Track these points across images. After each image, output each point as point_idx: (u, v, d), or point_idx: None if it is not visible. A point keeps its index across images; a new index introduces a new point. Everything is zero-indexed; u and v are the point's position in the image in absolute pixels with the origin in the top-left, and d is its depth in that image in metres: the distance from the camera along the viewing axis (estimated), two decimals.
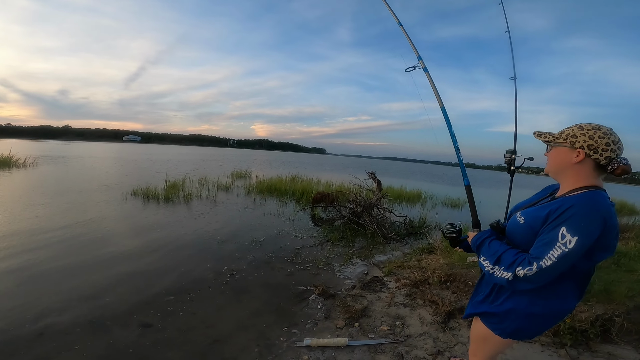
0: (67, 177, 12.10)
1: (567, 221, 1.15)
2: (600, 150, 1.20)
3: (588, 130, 1.23)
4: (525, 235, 1.32)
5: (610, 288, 3.29)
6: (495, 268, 1.32)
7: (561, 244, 1.14)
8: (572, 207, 1.16)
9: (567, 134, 1.28)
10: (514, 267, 1.24)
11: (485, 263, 1.38)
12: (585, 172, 1.25)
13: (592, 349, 2.63)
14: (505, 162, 3.55)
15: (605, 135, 1.20)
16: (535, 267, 1.18)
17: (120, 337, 2.74)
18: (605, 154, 1.20)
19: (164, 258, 4.60)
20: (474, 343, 1.67)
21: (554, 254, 1.15)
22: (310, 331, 2.94)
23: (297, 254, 5.15)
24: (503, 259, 1.31)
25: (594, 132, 1.21)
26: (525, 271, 1.20)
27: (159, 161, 25.44)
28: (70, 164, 17.65)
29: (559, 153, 1.31)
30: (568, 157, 1.27)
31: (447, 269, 4.09)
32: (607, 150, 1.20)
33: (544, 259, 1.17)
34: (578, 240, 1.13)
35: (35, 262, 4.11)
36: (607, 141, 1.19)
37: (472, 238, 1.53)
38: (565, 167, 1.29)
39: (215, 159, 35.61)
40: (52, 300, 3.25)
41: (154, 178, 12.92)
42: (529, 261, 1.21)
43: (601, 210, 1.16)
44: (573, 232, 1.13)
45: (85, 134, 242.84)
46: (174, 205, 8.42)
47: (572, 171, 1.27)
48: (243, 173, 16.84)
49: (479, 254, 1.46)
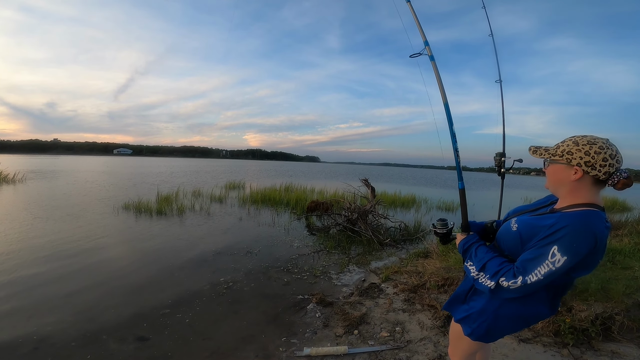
0: (57, 193, 11.91)
1: (560, 240, 1.13)
2: (598, 166, 1.17)
3: (583, 145, 1.19)
4: (513, 243, 1.32)
5: (607, 286, 3.31)
6: (480, 274, 1.33)
7: (550, 262, 1.13)
8: (567, 227, 1.13)
9: (562, 149, 1.25)
10: (497, 277, 1.25)
11: (472, 268, 1.38)
12: (584, 189, 1.22)
13: (595, 348, 2.63)
14: (495, 164, 3.59)
15: (601, 150, 1.16)
16: (520, 281, 1.18)
17: (117, 351, 2.68)
18: (603, 170, 1.17)
19: (158, 271, 4.53)
20: (452, 342, 1.70)
21: (540, 271, 1.15)
22: (309, 340, 2.90)
23: (294, 263, 5.11)
24: (488, 267, 1.31)
25: (590, 148, 1.18)
26: (509, 283, 1.21)
27: (150, 174, 25.22)
28: (60, 179, 17.40)
29: (557, 170, 1.28)
30: (566, 174, 1.24)
31: (444, 272, 4.09)
32: (605, 165, 1.16)
33: (530, 274, 1.17)
34: (567, 260, 1.12)
35: (28, 278, 4.02)
36: (604, 156, 1.16)
37: (460, 241, 1.53)
38: (563, 184, 1.27)
39: (207, 171, 35.44)
40: (47, 315, 3.19)
41: (146, 191, 12.79)
42: (514, 274, 1.21)
43: (595, 232, 1.13)
44: (564, 252, 1.12)
45: (74, 148, 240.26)
46: (167, 218, 8.32)
47: (570, 187, 1.25)
48: (237, 184, 16.76)
49: (465, 258, 1.46)
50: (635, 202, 13.73)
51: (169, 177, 22.37)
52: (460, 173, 1.77)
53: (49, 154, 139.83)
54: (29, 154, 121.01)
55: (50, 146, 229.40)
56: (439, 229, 1.66)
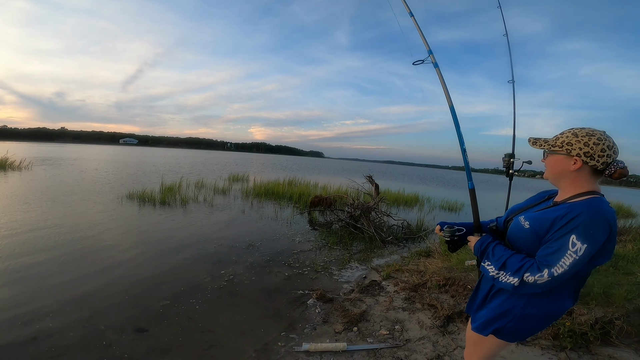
0: (62, 180, 12.00)
1: (577, 229, 1.15)
2: (597, 156, 1.21)
3: (582, 137, 1.24)
4: (529, 240, 1.31)
5: (609, 291, 3.28)
6: (500, 273, 1.32)
7: (572, 251, 1.15)
8: (581, 214, 1.16)
9: (562, 141, 1.29)
10: (521, 272, 1.24)
11: (490, 268, 1.37)
12: (584, 178, 1.26)
13: (593, 352, 2.61)
14: (504, 165, 3.54)
15: (600, 141, 1.21)
16: (547, 274, 1.18)
17: (115, 342, 2.70)
18: (602, 160, 1.22)
19: (159, 262, 4.56)
20: (470, 346, 1.65)
21: (565, 262, 1.16)
22: (308, 336, 2.91)
23: (295, 257, 5.12)
24: (509, 264, 1.30)
25: (589, 139, 1.23)
26: (535, 277, 1.20)
27: (155, 164, 25.33)
28: (65, 167, 17.53)
29: (556, 161, 1.32)
30: (565, 164, 1.28)
31: (445, 272, 4.07)
32: (603, 155, 1.21)
33: (555, 266, 1.17)
34: (587, 247, 1.13)
35: (28, 266, 4.05)
36: (602, 147, 1.21)
37: (475, 243, 1.51)
38: (563, 174, 1.31)
39: (212, 162, 35.53)
40: (45, 304, 3.20)
41: (150, 181, 12.85)
42: (538, 267, 1.21)
43: (607, 217, 1.16)
44: (583, 239, 1.14)
45: (81, 137, 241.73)
46: (171, 208, 8.36)
47: (570, 178, 1.29)
48: (240, 176, 16.79)
49: (483, 259, 1.44)
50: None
51: (173, 167, 22.44)
52: (469, 173, 1.78)
53: (56, 142, 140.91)
54: (37, 141, 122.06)
55: (58, 134, 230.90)
56: (448, 236, 1.62)
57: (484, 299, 1.51)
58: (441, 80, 1.86)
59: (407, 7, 2.16)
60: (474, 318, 1.56)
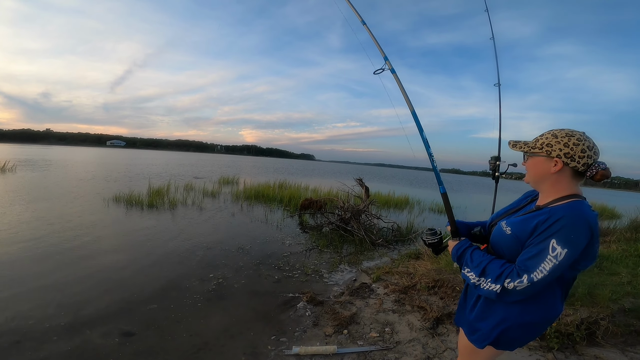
0: (46, 184, 11.72)
1: (557, 233, 1.14)
2: (577, 157, 1.20)
3: (562, 137, 1.23)
4: (511, 245, 1.29)
5: (594, 291, 3.35)
6: (481, 280, 1.28)
7: (552, 256, 1.13)
8: (562, 219, 1.14)
9: (541, 142, 1.27)
10: (501, 279, 1.21)
11: (470, 275, 1.33)
12: (565, 181, 1.25)
13: (579, 352, 2.65)
14: (490, 168, 3.59)
15: (579, 141, 1.20)
16: (527, 279, 1.16)
17: (100, 345, 2.64)
18: (582, 161, 1.20)
19: (146, 265, 4.48)
20: (463, 355, 1.61)
21: (545, 267, 1.14)
22: (298, 339, 2.89)
23: (285, 260, 5.09)
24: (489, 270, 1.27)
25: (568, 139, 1.21)
26: (515, 284, 1.18)
27: (143, 166, 24.96)
28: (50, 170, 17.14)
29: (537, 163, 1.30)
30: (546, 166, 1.26)
31: (434, 274, 4.10)
32: (583, 157, 1.19)
33: (535, 272, 1.15)
34: (567, 252, 1.12)
35: (12, 269, 3.94)
36: (582, 147, 1.19)
37: (452, 248, 1.48)
38: (544, 177, 1.29)
39: (201, 165, 35.18)
40: (29, 308, 3.12)
41: (137, 184, 12.66)
42: (518, 273, 1.18)
43: (589, 220, 1.15)
44: (563, 244, 1.12)
45: (67, 138, 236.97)
46: (159, 211, 8.24)
47: (551, 180, 1.27)
48: (230, 179, 16.67)
49: (461, 265, 1.41)
50: (625, 209, 13.91)
51: (161, 169, 22.14)
52: (439, 177, 1.74)
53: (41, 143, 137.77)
54: (21, 143, 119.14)
55: (42, 136, 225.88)
56: (429, 240, 1.59)
57: (473, 307, 1.46)
58: (399, 85, 1.85)
59: (359, 17, 2.17)
60: (470, 329, 1.49)
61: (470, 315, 1.47)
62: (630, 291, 3.53)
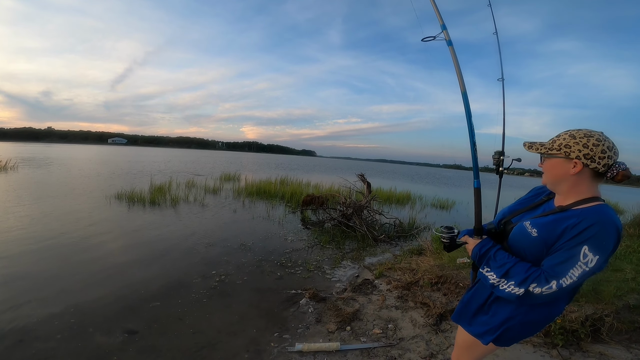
0: (49, 181, 11.75)
1: (590, 240, 1.10)
2: (597, 158, 1.15)
3: (581, 138, 1.18)
4: (536, 248, 1.24)
5: (598, 288, 3.32)
6: (501, 281, 1.26)
7: (582, 262, 1.10)
8: (594, 225, 1.10)
9: (559, 143, 1.23)
10: (527, 283, 1.18)
11: (490, 275, 1.30)
12: (585, 182, 1.20)
13: (584, 349, 2.64)
14: (494, 163, 3.57)
15: (599, 142, 1.16)
16: (555, 285, 1.13)
17: (104, 344, 2.64)
18: (602, 162, 1.15)
19: (149, 262, 4.48)
20: (459, 349, 1.61)
21: (574, 272, 1.11)
22: (301, 336, 2.88)
23: (287, 257, 5.09)
24: (512, 273, 1.23)
25: (588, 140, 1.17)
26: (543, 289, 1.15)
27: (144, 163, 24.98)
28: (52, 168, 17.18)
29: (555, 165, 1.25)
30: (565, 168, 1.22)
31: (437, 270, 4.08)
32: (604, 157, 1.15)
33: (564, 277, 1.12)
34: (599, 259, 1.09)
35: (15, 267, 3.95)
36: (602, 148, 1.15)
37: (474, 246, 1.41)
38: (563, 179, 1.24)
39: (203, 162, 35.20)
40: (32, 307, 3.12)
41: (139, 181, 12.67)
42: (546, 279, 1.15)
43: (618, 226, 1.12)
44: (595, 251, 1.09)
45: (68, 136, 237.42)
46: (161, 208, 8.25)
47: (570, 182, 1.22)
48: (232, 176, 16.66)
49: (482, 264, 1.36)
50: (628, 205, 13.85)
51: (163, 166, 22.17)
52: (477, 170, 1.61)
53: (43, 142, 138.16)
54: (22, 141, 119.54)
55: (44, 134, 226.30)
56: (446, 237, 1.56)
57: (481, 306, 1.44)
58: (454, 60, 1.62)
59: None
60: (471, 322, 1.48)
61: (479, 313, 1.46)
62: (634, 287, 3.50)
